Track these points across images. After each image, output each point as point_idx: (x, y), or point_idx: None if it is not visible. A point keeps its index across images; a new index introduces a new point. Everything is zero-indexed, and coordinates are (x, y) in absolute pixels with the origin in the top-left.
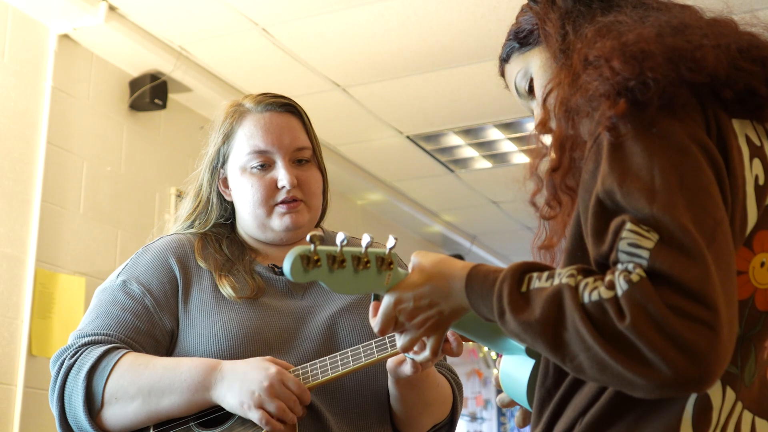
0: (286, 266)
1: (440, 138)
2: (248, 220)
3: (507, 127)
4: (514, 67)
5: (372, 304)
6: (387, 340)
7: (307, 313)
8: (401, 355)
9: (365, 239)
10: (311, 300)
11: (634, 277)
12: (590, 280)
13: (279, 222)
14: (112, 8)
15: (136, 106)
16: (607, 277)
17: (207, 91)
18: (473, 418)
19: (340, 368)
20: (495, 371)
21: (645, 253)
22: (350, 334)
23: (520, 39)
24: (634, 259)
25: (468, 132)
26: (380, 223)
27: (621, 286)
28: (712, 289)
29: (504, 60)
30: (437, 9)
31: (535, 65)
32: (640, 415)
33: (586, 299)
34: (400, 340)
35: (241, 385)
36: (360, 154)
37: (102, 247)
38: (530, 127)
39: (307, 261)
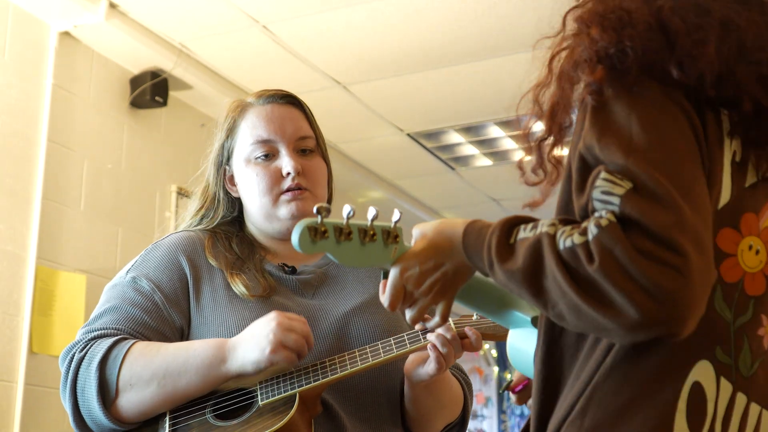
0: (294, 238)
1: (441, 136)
2: (255, 211)
3: (508, 124)
4: None
5: (381, 282)
6: (406, 337)
7: (319, 312)
8: (421, 356)
9: (371, 212)
10: (321, 299)
11: (603, 222)
12: (567, 228)
13: (285, 210)
14: (112, 6)
15: (136, 103)
16: (583, 225)
17: (208, 89)
18: (474, 415)
19: (359, 363)
20: (496, 368)
21: (616, 200)
22: (363, 333)
23: None
24: (606, 206)
25: (469, 130)
26: (381, 220)
27: (591, 231)
28: (681, 236)
29: None
30: (438, 6)
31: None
32: (630, 404)
33: (561, 246)
34: (409, 312)
35: (256, 339)
36: (361, 152)
37: (103, 244)
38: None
39: (314, 232)
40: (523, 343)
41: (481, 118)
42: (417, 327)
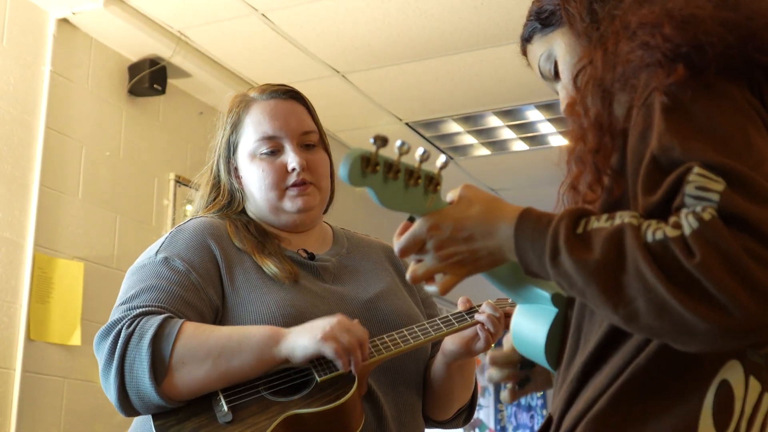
0: (344, 170)
1: (439, 125)
2: (261, 206)
3: (506, 114)
4: (537, 48)
5: (403, 224)
6: (452, 317)
7: (342, 299)
8: (462, 336)
9: (419, 150)
10: (341, 286)
11: (706, 216)
12: (653, 222)
13: (291, 204)
14: None
15: (135, 91)
16: (672, 219)
17: (206, 77)
18: None
19: (411, 341)
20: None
21: (715, 196)
22: (388, 318)
23: (542, 20)
24: (701, 202)
25: (467, 119)
26: (379, 210)
27: (690, 224)
28: None
29: (526, 40)
30: None
31: (559, 48)
32: (659, 403)
33: (649, 238)
34: (414, 265)
35: (310, 327)
36: (359, 141)
37: (100, 232)
38: (530, 114)
39: (366, 163)
40: (535, 321)
41: (479, 107)
42: (460, 307)
